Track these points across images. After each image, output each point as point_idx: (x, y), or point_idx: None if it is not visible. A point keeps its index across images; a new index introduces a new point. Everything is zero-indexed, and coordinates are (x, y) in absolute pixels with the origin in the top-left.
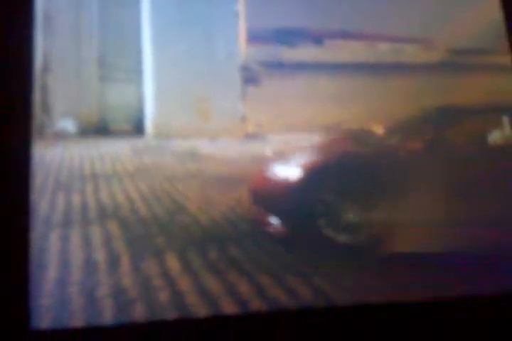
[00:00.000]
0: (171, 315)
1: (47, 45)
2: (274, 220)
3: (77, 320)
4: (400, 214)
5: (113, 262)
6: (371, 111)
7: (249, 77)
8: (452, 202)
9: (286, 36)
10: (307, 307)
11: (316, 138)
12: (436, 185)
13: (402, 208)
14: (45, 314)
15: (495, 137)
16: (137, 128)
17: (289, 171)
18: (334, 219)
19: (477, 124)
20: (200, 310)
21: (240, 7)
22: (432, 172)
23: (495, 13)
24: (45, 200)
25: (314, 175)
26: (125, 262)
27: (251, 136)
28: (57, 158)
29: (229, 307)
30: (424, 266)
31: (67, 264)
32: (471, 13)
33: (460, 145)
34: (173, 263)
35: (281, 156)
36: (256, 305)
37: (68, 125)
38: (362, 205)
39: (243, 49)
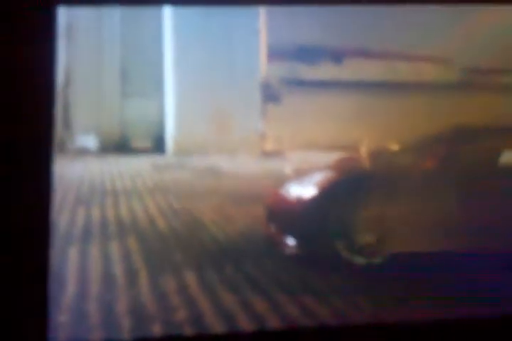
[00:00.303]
0: (187, 330)
1: (69, 60)
2: (289, 240)
3: (95, 334)
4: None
5: (131, 277)
6: (388, 129)
7: (270, 94)
8: (463, 221)
9: (306, 54)
10: (322, 325)
11: (334, 156)
12: (449, 203)
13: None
14: (63, 328)
15: (508, 157)
16: (157, 145)
17: (304, 190)
18: (350, 240)
19: (491, 144)
20: (216, 326)
21: (261, 25)
22: (444, 189)
23: None
24: (65, 216)
25: (329, 194)
26: (143, 277)
27: (269, 153)
28: (78, 173)
29: (244, 324)
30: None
31: (86, 279)
32: (489, 34)
33: (473, 164)
34: (190, 278)
35: (300, 174)
36: (271, 322)
37: (89, 141)
38: (377, 225)
39: (263, 66)
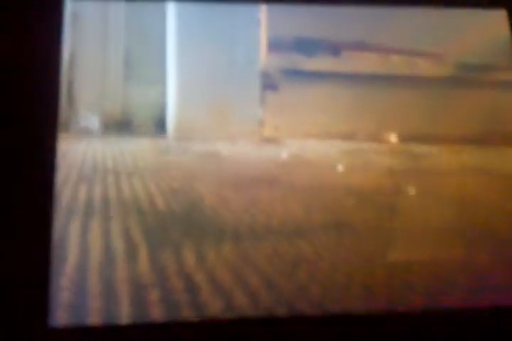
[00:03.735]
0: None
1: (74, 43)
2: None
3: (95, 304)
4: None
5: (131, 252)
6: (384, 120)
7: (269, 83)
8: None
9: (305, 46)
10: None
11: (330, 144)
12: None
13: None
14: (64, 300)
15: None
16: (159, 128)
17: None
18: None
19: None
20: (211, 298)
21: (262, 16)
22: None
23: (504, 29)
24: (68, 192)
25: None
26: (142, 252)
27: (268, 140)
28: (81, 152)
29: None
30: None
31: (87, 252)
32: (480, 30)
33: None
34: (188, 255)
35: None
36: (265, 297)
37: (92, 121)
38: None
39: (263, 56)
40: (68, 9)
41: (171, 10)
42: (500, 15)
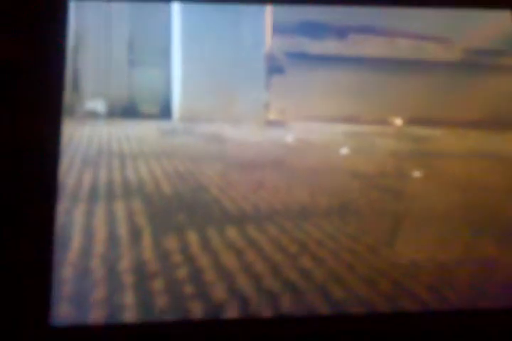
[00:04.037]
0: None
1: (78, 27)
2: None
3: (99, 290)
4: None
5: (135, 236)
6: (389, 103)
7: (274, 66)
8: None
9: (311, 29)
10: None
11: (334, 128)
12: None
13: None
14: (67, 284)
15: None
16: (164, 111)
17: None
18: None
19: None
20: (214, 281)
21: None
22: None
23: None
24: (73, 176)
25: None
26: (146, 236)
27: (273, 123)
28: (86, 136)
29: (243, 284)
30: None
31: (91, 236)
32: (490, 15)
33: None
34: (192, 238)
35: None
36: (268, 281)
37: (98, 105)
38: None
39: (269, 39)
40: None
41: None
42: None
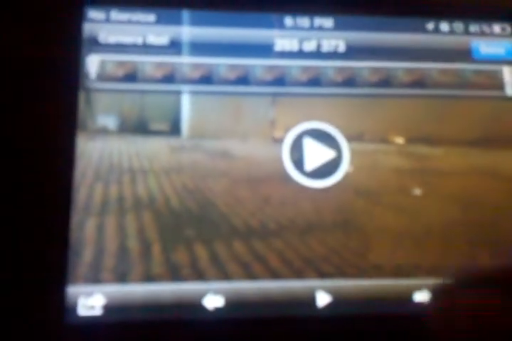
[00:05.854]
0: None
1: None
2: None
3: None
4: None
5: (145, 249)
6: (393, 122)
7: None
8: None
9: None
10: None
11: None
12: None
13: None
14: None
15: None
16: (174, 128)
17: None
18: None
19: None
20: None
21: None
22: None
23: None
24: (84, 190)
25: None
26: (156, 249)
27: (279, 139)
28: (98, 151)
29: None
30: None
31: (102, 249)
32: None
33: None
34: (201, 252)
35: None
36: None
37: (109, 121)
38: None
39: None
40: None
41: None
42: None
